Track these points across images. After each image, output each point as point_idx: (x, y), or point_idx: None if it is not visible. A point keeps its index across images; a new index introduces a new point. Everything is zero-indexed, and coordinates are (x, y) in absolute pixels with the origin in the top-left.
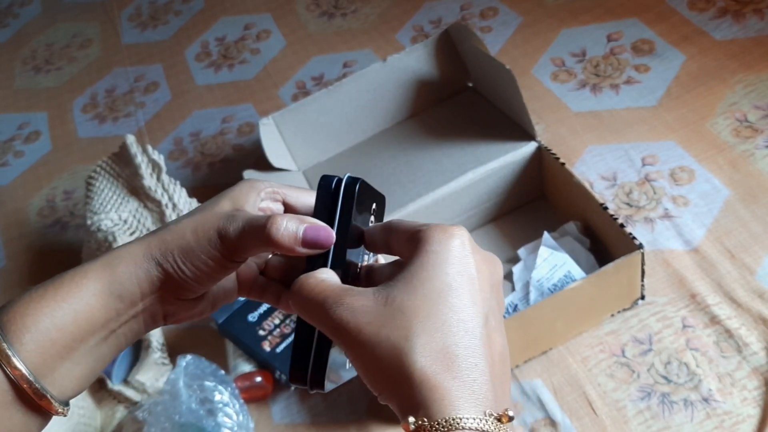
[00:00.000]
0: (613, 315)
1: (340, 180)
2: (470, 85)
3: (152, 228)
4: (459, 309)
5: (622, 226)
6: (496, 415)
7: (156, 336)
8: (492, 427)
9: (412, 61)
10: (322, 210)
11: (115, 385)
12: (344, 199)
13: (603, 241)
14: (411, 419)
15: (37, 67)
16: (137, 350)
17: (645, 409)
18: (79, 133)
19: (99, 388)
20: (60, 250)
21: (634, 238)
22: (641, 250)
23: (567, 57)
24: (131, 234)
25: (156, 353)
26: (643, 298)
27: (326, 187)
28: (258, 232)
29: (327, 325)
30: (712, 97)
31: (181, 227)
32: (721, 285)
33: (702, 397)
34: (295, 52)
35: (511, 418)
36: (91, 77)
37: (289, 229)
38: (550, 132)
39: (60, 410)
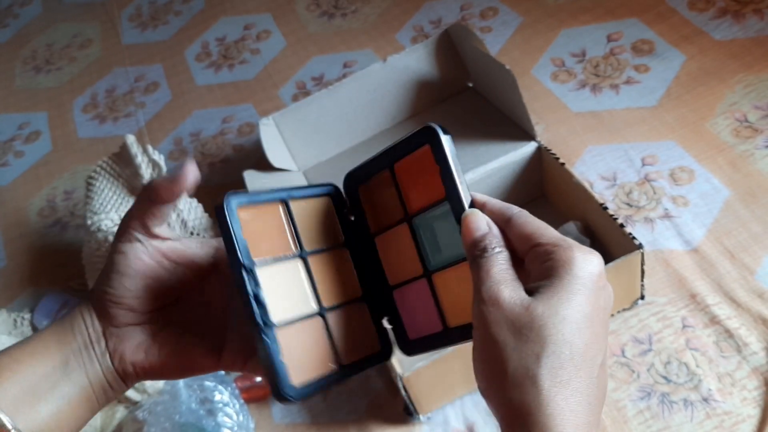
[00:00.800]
0: (612, 315)
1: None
2: (470, 85)
3: None
4: (589, 343)
5: (621, 226)
6: None
7: None
8: None
9: (412, 61)
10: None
11: None
12: (453, 154)
13: (603, 241)
14: None
15: (37, 67)
16: None
17: (645, 409)
18: (80, 133)
19: None
20: (60, 250)
21: (633, 238)
22: (641, 250)
23: (567, 57)
24: None
25: None
26: (642, 298)
27: (220, 212)
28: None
29: (477, 295)
30: (712, 97)
31: None
32: (721, 285)
33: (702, 397)
34: (296, 53)
35: None
36: (91, 77)
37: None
38: (550, 132)
39: None
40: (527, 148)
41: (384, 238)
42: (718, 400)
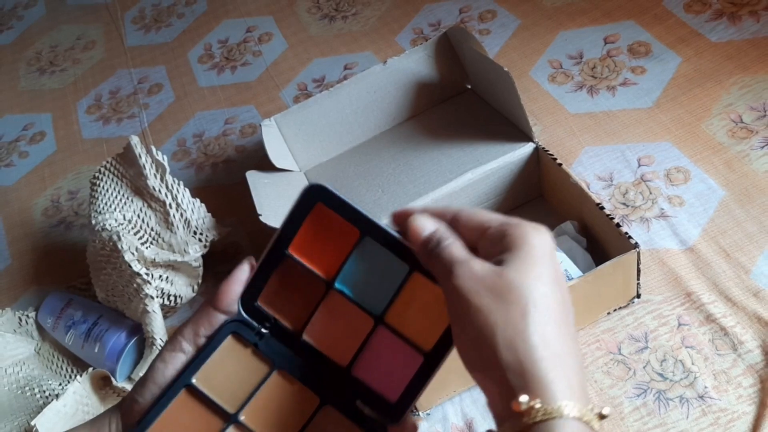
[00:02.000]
0: (609, 313)
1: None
2: (469, 87)
3: (156, 227)
4: (562, 302)
5: (618, 225)
6: (597, 411)
7: (159, 333)
8: (595, 423)
9: (412, 63)
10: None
11: (119, 382)
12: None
13: (599, 241)
14: (524, 398)
15: (41, 69)
16: (141, 348)
17: (641, 406)
18: (84, 134)
19: (103, 385)
20: (64, 249)
21: (630, 237)
22: (637, 249)
23: (564, 59)
24: (135, 233)
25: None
26: (639, 296)
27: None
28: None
29: (448, 278)
30: (708, 98)
31: None
32: (717, 284)
33: (697, 394)
34: (297, 55)
35: (605, 416)
36: (95, 79)
37: None
38: (547, 133)
39: None
40: (525, 149)
41: (313, 326)
42: (714, 397)
